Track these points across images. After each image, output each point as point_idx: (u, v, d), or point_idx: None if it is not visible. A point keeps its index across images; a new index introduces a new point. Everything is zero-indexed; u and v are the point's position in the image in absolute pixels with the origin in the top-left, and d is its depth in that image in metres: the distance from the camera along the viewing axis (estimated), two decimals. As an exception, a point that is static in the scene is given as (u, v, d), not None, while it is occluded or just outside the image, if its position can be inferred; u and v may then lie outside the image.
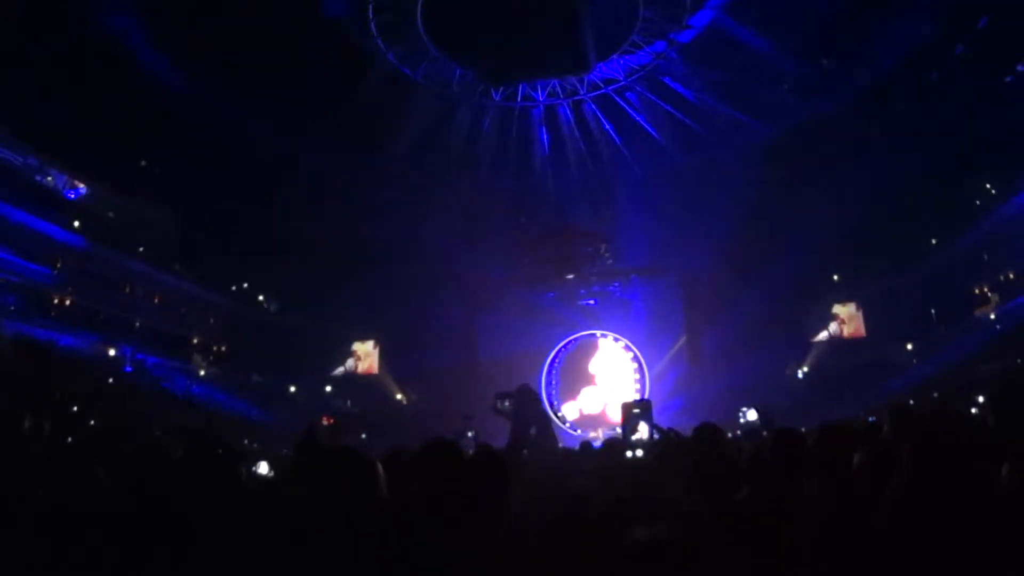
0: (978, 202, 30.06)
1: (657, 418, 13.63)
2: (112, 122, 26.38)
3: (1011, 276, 29.42)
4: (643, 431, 14.43)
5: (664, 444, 7.63)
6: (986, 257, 30.40)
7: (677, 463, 5.67)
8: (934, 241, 31.80)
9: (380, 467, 4.19)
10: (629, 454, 11.05)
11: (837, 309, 35.24)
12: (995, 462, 3.17)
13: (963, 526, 2.78)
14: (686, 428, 7.61)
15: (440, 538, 3.24)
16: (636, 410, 15.40)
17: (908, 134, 28.30)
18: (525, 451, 10.40)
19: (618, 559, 2.43)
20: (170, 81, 26.05)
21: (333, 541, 2.80)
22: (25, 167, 27.90)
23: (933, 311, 32.02)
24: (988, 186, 29.88)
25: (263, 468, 10.27)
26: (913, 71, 26.52)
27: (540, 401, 15.20)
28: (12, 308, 26.35)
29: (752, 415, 25.19)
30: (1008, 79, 26.87)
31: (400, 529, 3.45)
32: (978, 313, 30.23)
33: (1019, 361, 25.94)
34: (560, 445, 12.44)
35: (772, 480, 4.54)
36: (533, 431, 9.59)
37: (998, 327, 28.91)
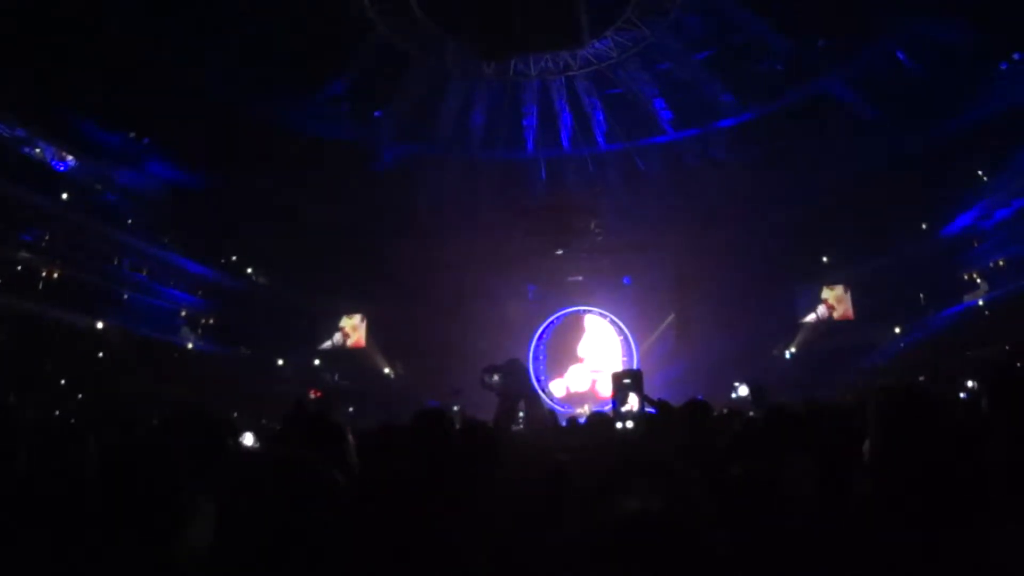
0: (969, 188, 30.06)
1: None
2: (101, 94, 26.18)
3: (1001, 263, 29.50)
4: (633, 403, 14.33)
5: (656, 416, 7.62)
6: (976, 244, 30.47)
7: (668, 436, 5.67)
8: (924, 226, 31.84)
9: (349, 433, 4.17)
10: (619, 425, 11.01)
11: (826, 291, 35.39)
12: (981, 440, 3.17)
13: (943, 501, 2.76)
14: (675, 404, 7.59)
15: (426, 509, 3.22)
16: (627, 380, 15.24)
17: (902, 116, 28.30)
18: (520, 425, 10.38)
19: (609, 529, 2.41)
20: (160, 52, 25.86)
21: (309, 506, 2.77)
22: (13, 139, 27.70)
23: (922, 295, 32.12)
24: (980, 172, 29.89)
25: (248, 439, 10.27)
26: (908, 52, 26.45)
27: (529, 375, 15.15)
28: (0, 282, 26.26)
29: (744, 391, 25.20)
30: (1003, 65, 26.81)
31: (384, 499, 3.43)
32: (967, 299, 30.31)
33: (1007, 347, 26.07)
34: (552, 418, 12.38)
35: (763, 455, 4.54)
36: (522, 405, 9.55)
37: (987, 313, 29.03)
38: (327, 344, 38.56)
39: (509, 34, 25.28)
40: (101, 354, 29.00)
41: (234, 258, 36.77)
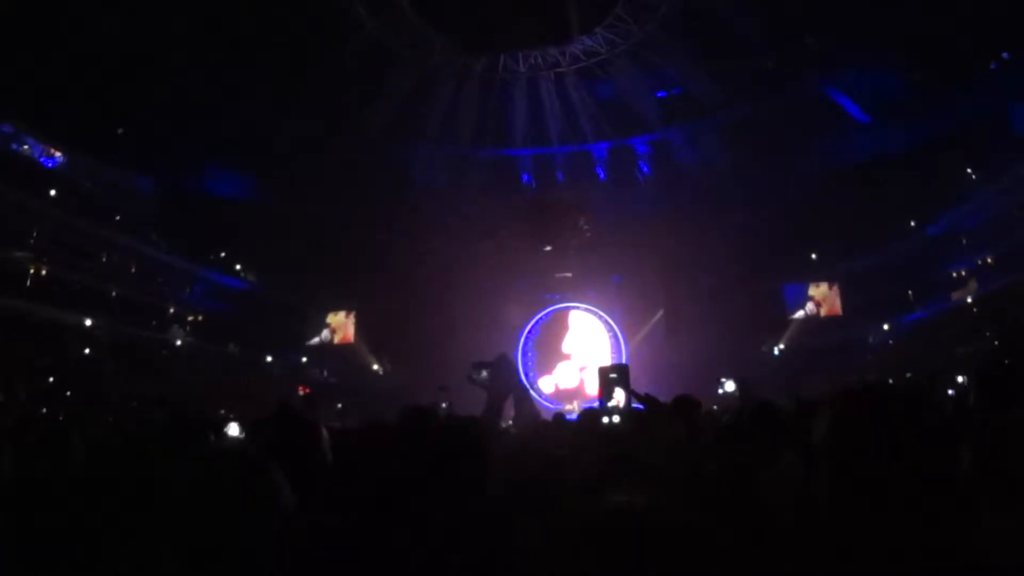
0: (957, 185, 30.13)
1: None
2: (89, 90, 26.07)
3: (989, 260, 29.55)
4: (620, 397, 14.37)
5: (643, 411, 7.62)
6: (964, 241, 30.53)
7: (654, 431, 5.68)
8: (912, 223, 31.91)
9: (324, 431, 4.17)
10: (605, 420, 11.01)
11: (813, 288, 35.48)
12: (960, 436, 3.17)
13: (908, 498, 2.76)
14: (662, 400, 7.59)
15: (413, 509, 3.22)
16: (613, 375, 15.26)
17: (890, 113, 28.40)
18: (510, 422, 10.34)
19: (594, 525, 2.41)
20: (148, 49, 25.78)
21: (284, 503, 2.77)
22: (0, 136, 27.59)
23: (910, 292, 32.18)
24: (968, 170, 29.97)
25: (233, 429, 10.26)
26: (897, 50, 26.51)
27: (517, 371, 15.10)
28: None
29: (730, 386, 25.21)
30: (993, 65, 26.91)
31: (370, 495, 3.43)
32: (955, 297, 30.34)
33: (996, 343, 26.15)
34: (541, 415, 12.36)
35: (748, 451, 4.55)
36: (510, 401, 9.49)
37: (975, 310, 29.09)
38: (315, 340, 38.50)
39: (497, 30, 25.31)
40: (89, 351, 28.90)
41: (223, 255, 36.69)
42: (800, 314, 35.56)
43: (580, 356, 37.86)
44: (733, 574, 2.82)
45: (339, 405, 28.97)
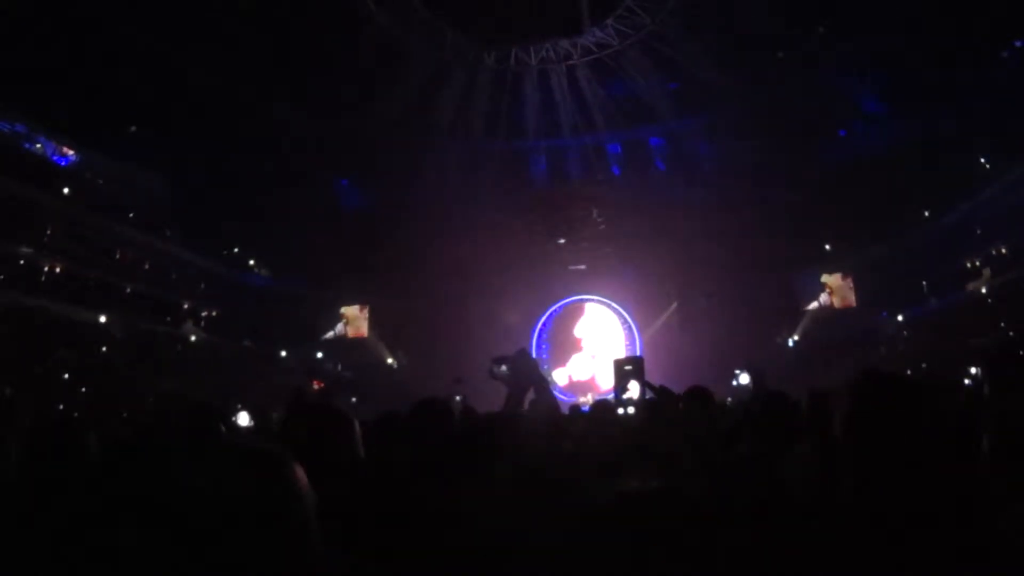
0: (972, 175, 29.97)
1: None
2: (102, 88, 26.11)
3: (1003, 251, 29.38)
4: (634, 389, 14.33)
5: (656, 401, 7.62)
6: (979, 231, 30.34)
7: (668, 421, 5.66)
8: (926, 213, 31.76)
9: (357, 424, 4.16)
10: (620, 411, 11.02)
11: (827, 279, 35.36)
12: (979, 427, 3.15)
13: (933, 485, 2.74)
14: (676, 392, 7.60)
15: (427, 497, 3.22)
16: (628, 367, 15.22)
17: (904, 104, 28.27)
18: (524, 412, 10.36)
19: (608, 510, 2.41)
20: (160, 46, 25.79)
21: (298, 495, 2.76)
22: (13, 135, 27.64)
23: (924, 283, 32.05)
24: (982, 160, 29.79)
25: (243, 419, 10.28)
26: (910, 40, 26.35)
27: (538, 365, 15.02)
28: (1, 277, 26.19)
29: (745, 379, 25.13)
30: (1005, 54, 26.76)
31: (385, 486, 3.43)
32: (970, 287, 30.18)
33: (1011, 334, 26.00)
34: (560, 408, 12.32)
35: (762, 441, 4.53)
36: (531, 395, 9.51)
37: (990, 301, 28.94)
38: (329, 335, 38.57)
39: (509, 23, 25.25)
40: (104, 348, 28.99)
41: (236, 250, 36.73)
42: (814, 305, 35.48)
43: (594, 348, 37.86)
44: (743, 555, 2.82)
45: (353, 399, 29.01)
